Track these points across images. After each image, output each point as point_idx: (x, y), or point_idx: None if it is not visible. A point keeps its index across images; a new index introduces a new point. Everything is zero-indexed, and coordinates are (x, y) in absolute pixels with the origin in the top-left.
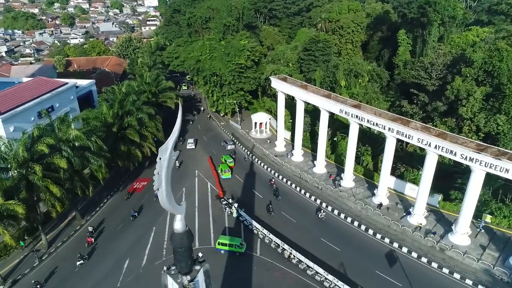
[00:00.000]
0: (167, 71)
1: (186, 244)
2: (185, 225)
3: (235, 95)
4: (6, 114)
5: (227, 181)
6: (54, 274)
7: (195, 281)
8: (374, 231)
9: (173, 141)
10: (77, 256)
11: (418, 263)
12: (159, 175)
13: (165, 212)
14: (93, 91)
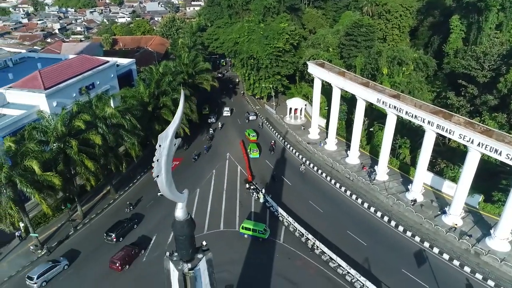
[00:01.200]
0: (206, 53)
1: (186, 233)
2: (187, 213)
3: (271, 79)
4: (50, 89)
5: (256, 166)
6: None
7: (196, 270)
8: (404, 228)
9: (174, 128)
10: (127, 203)
11: (449, 265)
12: (159, 162)
13: (194, 192)
14: (133, 70)
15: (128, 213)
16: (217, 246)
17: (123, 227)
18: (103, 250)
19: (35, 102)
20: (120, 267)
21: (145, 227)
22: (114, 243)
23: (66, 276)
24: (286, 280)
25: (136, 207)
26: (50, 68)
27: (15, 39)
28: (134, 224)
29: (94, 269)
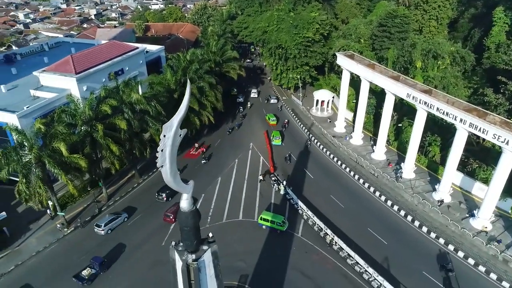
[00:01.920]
0: (235, 41)
1: (191, 224)
2: (192, 204)
3: (299, 69)
4: (81, 74)
5: (279, 158)
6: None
7: (200, 261)
8: (428, 228)
9: (179, 119)
10: (202, 157)
11: (473, 270)
12: (163, 152)
13: (215, 180)
14: (161, 57)
15: (202, 165)
16: (234, 236)
17: (169, 191)
18: (155, 208)
19: (66, 85)
20: (174, 220)
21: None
22: (164, 202)
23: (126, 227)
24: (302, 274)
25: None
26: (82, 53)
27: (54, 24)
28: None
29: (150, 222)
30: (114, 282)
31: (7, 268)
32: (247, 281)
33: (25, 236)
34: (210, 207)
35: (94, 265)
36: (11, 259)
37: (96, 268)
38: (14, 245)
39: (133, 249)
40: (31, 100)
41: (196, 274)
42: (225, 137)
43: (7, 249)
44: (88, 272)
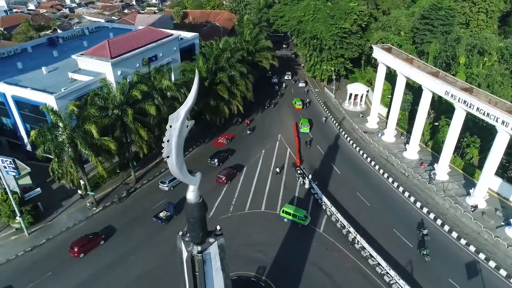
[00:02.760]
0: (270, 30)
1: (197, 216)
2: (199, 196)
3: (334, 61)
4: (116, 59)
5: (307, 150)
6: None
7: (205, 253)
8: (459, 234)
9: (186, 110)
10: (247, 127)
11: (505, 283)
12: (169, 143)
13: (242, 171)
14: (195, 44)
15: (246, 136)
16: (255, 226)
17: (222, 155)
18: (209, 171)
19: (102, 69)
20: (225, 181)
21: (239, 157)
22: (216, 166)
23: (185, 185)
24: (320, 270)
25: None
26: (118, 38)
27: (97, 8)
28: (229, 154)
29: (203, 184)
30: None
31: (39, 241)
32: (265, 273)
33: (57, 212)
34: (233, 196)
35: (169, 209)
36: (43, 232)
37: (171, 211)
38: (46, 220)
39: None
40: (69, 82)
41: (201, 266)
42: (242, 138)
43: (40, 223)
44: (164, 214)
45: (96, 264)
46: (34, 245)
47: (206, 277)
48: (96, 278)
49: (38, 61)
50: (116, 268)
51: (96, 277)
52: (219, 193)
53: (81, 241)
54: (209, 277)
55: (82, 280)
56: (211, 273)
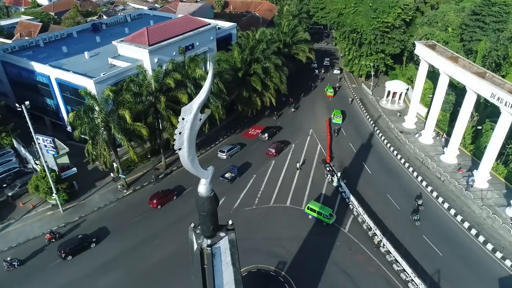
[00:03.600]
0: (310, 22)
1: (207, 209)
2: (210, 190)
3: (373, 56)
4: (153, 46)
5: (337, 147)
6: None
7: (215, 247)
8: (494, 247)
9: (199, 103)
10: (292, 106)
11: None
12: (181, 135)
13: (268, 163)
14: (233, 34)
15: (291, 113)
16: (279, 221)
17: (272, 130)
18: (260, 145)
19: (139, 56)
20: (275, 154)
21: (287, 133)
22: (266, 140)
23: (239, 155)
24: (341, 271)
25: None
26: (157, 26)
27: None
28: (278, 130)
29: (255, 155)
30: (243, 183)
31: (72, 218)
32: (284, 268)
33: (90, 192)
34: (259, 189)
35: (233, 171)
36: (76, 210)
37: (235, 173)
38: (80, 198)
39: (247, 169)
40: (108, 67)
41: (210, 259)
42: (287, 117)
43: (74, 201)
44: (229, 175)
45: (170, 215)
46: (67, 222)
47: (215, 270)
48: (170, 226)
49: (82, 46)
50: (187, 218)
51: (170, 226)
52: (246, 184)
53: (158, 195)
54: (218, 271)
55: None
56: (221, 267)
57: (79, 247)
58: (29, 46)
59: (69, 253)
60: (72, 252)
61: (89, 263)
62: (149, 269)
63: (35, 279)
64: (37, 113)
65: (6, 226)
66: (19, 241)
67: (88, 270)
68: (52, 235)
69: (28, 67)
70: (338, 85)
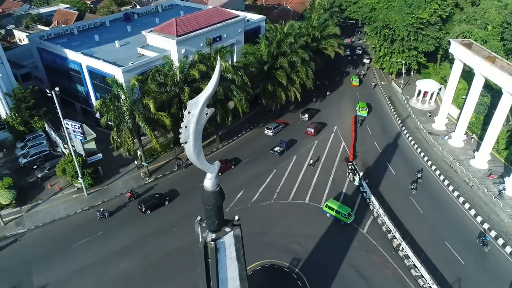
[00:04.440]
0: (341, 16)
1: (212, 203)
2: (216, 185)
3: (405, 54)
4: (181, 37)
5: (362, 146)
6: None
7: (220, 242)
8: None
9: (205, 97)
10: (328, 88)
11: None
12: (187, 129)
13: (290, 158)
14: (261, 27)
15: (316, 102)
16: (297, 217)
17: (312, 112)
18: (301, 124)
19: (167, 47)
20: (314, 134)
21: (325, 114)
22: (306, 121)
23: (283, 133)
24: (357, 272)
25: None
26: (186, 17)
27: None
28: (317, 112)
29: (297, 133)
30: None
31: (96, 202)
32: (298, 265)
33: (114, 178)
34: (279, 184)
35: (282, 145)
36: (100, 195)
37: (283, 147)
38: (104, 183)
39: (292, 146)
40: (137, 57)
41: (213, 253)
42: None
43: (98, 186)
44: (278, 148)
45: (230, 181)
46: (90, 205)
47: (219, 265)
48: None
49: (113, 35)
50: (250, 183)
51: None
52: (266, 178)
53: (225, 161)
54: (223, 266)
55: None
56: (225, 262)
57: (156, 203)
58: (64, 33)
59: (148, 208)
60: (150, 207)
61: (164, 216)
62: None
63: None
64: (69, 99)
65: (34, 206)
66: (45, 221)
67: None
68: (132, 194)
69: (61, 54)
70: (363, 72)
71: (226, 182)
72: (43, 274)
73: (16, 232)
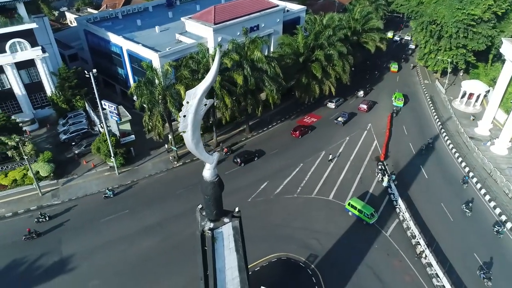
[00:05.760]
0: (387, 9)
1: (210, 193)
2: (215, 175)
3: (453, 52)
4: (218, 25)
5: (395, 145)
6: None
7: (217, 231)
8: None
9: (204, 88)
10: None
11: None
12: (185, 118)
13: (318, 153)
14: (301, 18)
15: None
16: (318, 213)
17: (367, 89)
18: (355, 101)
19: (204, 34)
20: (367, 110)
21: (375, 94)
22: (361, 97)
23: (344, 105)
24: (374, 275)
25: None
26: (225, 5)
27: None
28: (371, 89)
29: (352, 105)
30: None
31: (126, 181)
32: (314, 261)
33: (144, 159)
34: (304, 179)
35: (344, 116)
36: (130, 175)
37: (345, 117)
38: (135, 164)
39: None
40: (174, 43)
41: (209, 242)
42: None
43: (129, 166)
44: (341, 119)
45: (255, 171)
46: (120, 184)
47: (217, 254)
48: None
49: (155, 20)
50: (275, 175)
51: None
52: (291, 172)
53: (299, 127)
54: (220, 255)
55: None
56: (223, 252)
57: (248, 158)
58: (109, 17)
59: (243, 161)
60: (245, 161)
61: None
62: None
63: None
64: (110, 80)
65: (70, 180)
66: (78, 195)
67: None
68: (228, 149)
69: (105, 37)
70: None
71: (251, 172)
72: (71, 245)
73: (51, 203)
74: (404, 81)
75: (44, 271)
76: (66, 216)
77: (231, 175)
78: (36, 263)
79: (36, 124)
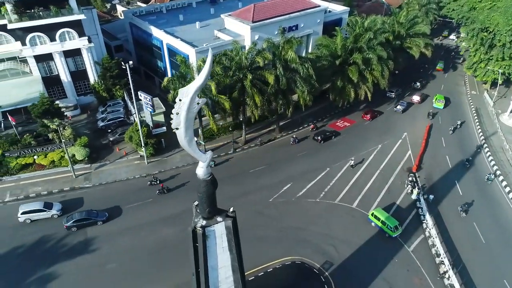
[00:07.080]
0: (438, 14)
1: (202, 191)
2: (208, 173)
3: (505, 62)
4: (256, 23)
5: (430, 157)
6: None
7: (209, 229)
8: None
9: (196, 87)
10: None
11: None
12: (178, 115)
13: (346, 159)
14: (343, 19)
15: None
16: (339, 220)
17: (420, 81)
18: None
19: (242, 31)
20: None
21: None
22: (418, 88)
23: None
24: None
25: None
26: (265, 3)
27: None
28: (424, 81)
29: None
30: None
31: (154, 170)
32: (330, 269)
33: (173, 151)
34: (328, 183)
35: (402, 104)
36: (158, 165)
37: (404, 106)
38: (164, 155)
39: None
40: (212, 39)
41: (201, 239)
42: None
43: (158, 156)
44: (400, 107)
45: (280, 172)
46: (148, 173)
47: (209, 252)
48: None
49: (197, 16)
50: (300, 177)
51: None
52: (317, 175)
53: (370, 111)
54: (212, 253)
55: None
56: (215, 250)
57: (329, 136)
58: (154, 11)
59: (323, 139)
60: (325, 138)
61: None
62: None
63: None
64: (151, 72)
65: (102, 165)
66: (108, 181)
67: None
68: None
69: (147, 30)
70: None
71: (274, 172)
72: (96, 226)
73: (83, 185)
74: (448, 90)
75: (68, 249)
76: (95, 199)
77: (255, 174)
78: (62, 241)
79: (78, 110)
